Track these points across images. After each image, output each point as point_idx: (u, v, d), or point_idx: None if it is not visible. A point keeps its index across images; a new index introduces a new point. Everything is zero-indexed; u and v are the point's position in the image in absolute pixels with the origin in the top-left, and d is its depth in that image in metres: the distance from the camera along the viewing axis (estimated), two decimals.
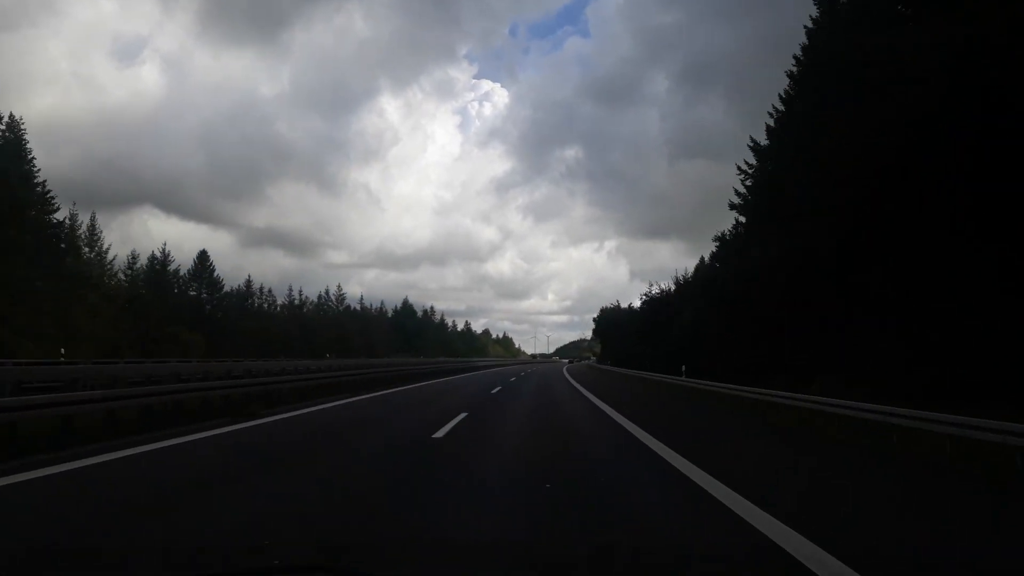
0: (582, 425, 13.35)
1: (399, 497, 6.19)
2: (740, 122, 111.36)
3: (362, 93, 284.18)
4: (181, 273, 65.47)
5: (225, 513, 5.43)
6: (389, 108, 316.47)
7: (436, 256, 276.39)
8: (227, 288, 71.35)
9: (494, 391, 24.70)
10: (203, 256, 70.32)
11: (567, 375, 48.50)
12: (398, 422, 13.28)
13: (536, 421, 14.15)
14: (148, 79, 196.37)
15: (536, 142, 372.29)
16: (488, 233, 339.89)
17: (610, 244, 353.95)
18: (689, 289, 44.69)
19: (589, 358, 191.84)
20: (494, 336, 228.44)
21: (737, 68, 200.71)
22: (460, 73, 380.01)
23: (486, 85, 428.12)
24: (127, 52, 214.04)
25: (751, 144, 30.77)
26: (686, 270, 59.47)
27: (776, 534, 4.80)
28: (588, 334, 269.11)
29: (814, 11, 25.24)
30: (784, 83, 27.15)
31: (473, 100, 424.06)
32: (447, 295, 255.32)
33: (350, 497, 6.19)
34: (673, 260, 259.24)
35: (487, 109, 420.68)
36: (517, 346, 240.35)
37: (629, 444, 10.29)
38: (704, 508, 5.79)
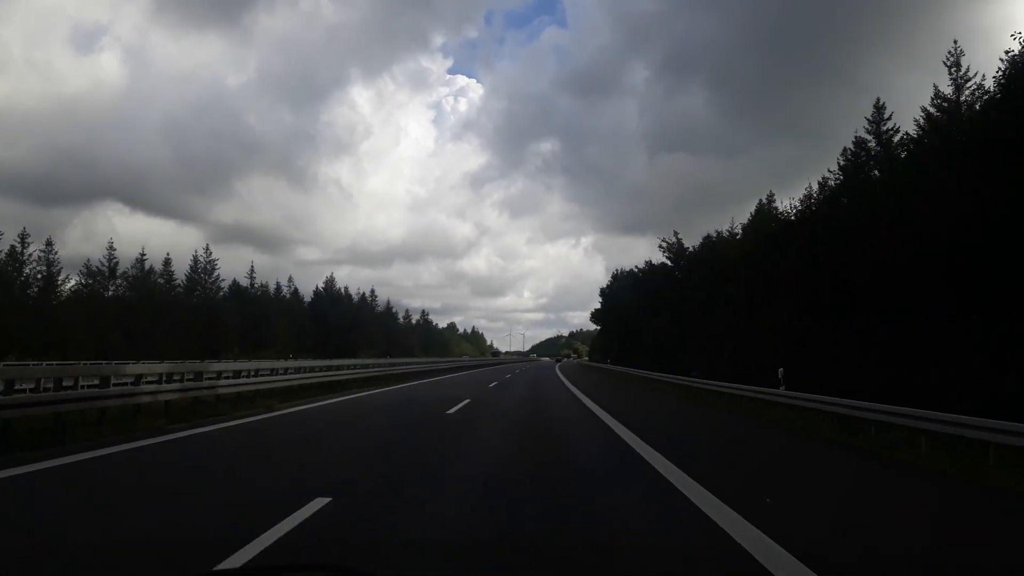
0: None
1: None
2: (721, 114, 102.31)
3: (332, 82, 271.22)
4: None
5: None
6: (360, 99, 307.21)
7: (411, 253, 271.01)
8: None
9: None
10: None
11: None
12: None
13: None
14: (108, 67, 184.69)
15: (512, 135, 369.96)
16: (463, 229, 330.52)
17: (586, 241, 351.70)
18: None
19: (569, 356, 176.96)
20: (461, 331, 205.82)
21: (719, 57, 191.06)
22: (434, 65, 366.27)
23: (461, 80, 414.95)
24: (86, 39, 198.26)
25: None
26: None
27: None
28: (565, 331, 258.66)
29: None
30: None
31: (448, 95, 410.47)
32: (422, 292, 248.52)
33: None
34: (650, 257, 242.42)
35: (462, 105, 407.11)
36: (489, 343, 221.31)
37: None
38: None
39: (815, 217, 26.77)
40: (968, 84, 22.25)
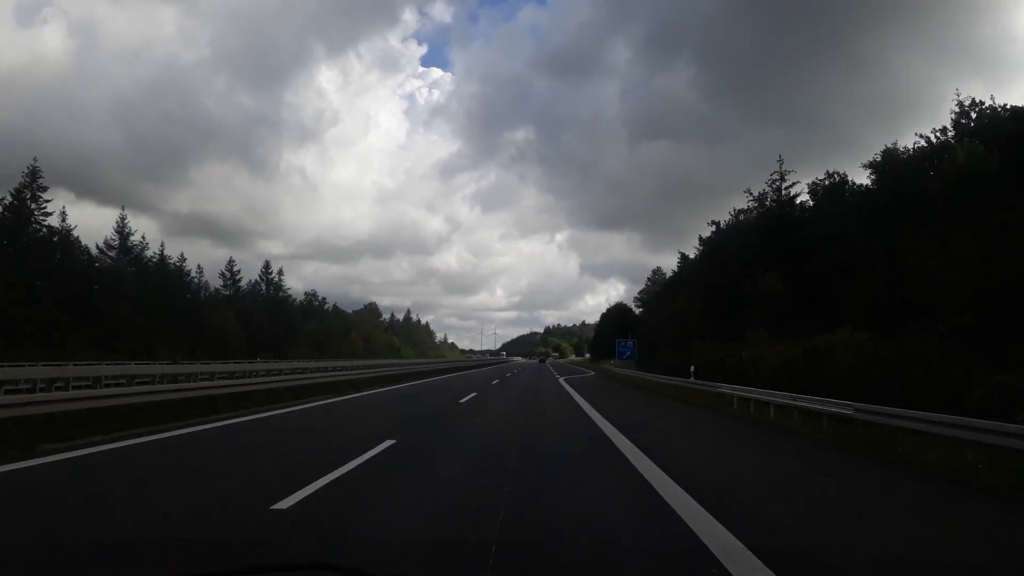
0: None
1: None
2: (707, 97, 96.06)
3: (292, 60, 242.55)
4: None
5: None
6: (324, 81, 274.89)
7: (380, 248, 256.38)
8: None
9: None
10: None
11: None
12: None
13: None
14: (51, 41, 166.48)
15: (485, 123, 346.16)
16: (434, 224, 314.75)
17: (561, 236, 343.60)
18: None
19: (550, 355, 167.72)
20: (386, 318, 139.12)
21: (705, 33, 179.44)
22: (403, 47, 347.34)
23: (436, 73, 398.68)
24: (26, 9, 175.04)
25: None
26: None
27: None
28: (539, 330, 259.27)
29: None
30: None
31: (422, 87, 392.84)
32: (392, 290, 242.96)
33: None
34: (627, 254, 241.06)
35: (436, 96, 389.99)
36: (442, 337, 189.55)
37: None
38: None
39: None
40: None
